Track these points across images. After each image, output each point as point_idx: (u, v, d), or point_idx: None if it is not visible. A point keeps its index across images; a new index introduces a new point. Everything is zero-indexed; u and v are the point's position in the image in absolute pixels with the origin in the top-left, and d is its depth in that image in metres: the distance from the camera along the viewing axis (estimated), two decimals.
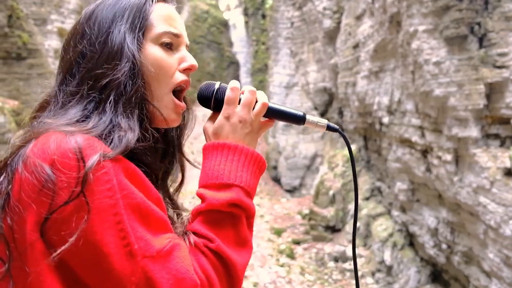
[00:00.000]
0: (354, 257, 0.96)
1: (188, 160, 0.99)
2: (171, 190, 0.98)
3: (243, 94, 0.87)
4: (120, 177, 0.68)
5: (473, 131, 8.48)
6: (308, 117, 0.90)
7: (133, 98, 0.77)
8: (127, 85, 0.77)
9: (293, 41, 18.57)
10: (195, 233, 0.78)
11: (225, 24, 25.90)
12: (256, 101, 0.87)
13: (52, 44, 13.07)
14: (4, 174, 0.70)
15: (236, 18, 26.16)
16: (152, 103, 0.81)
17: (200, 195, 0.81)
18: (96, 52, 0.78)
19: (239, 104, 0.86)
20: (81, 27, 0.82)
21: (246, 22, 24.33)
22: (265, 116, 0.88)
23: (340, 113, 16.32)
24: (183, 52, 0.87)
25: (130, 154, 0.76)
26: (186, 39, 0.88)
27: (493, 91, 8.44)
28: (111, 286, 0.66)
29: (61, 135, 0.69)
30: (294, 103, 18.89)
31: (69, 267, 0.66)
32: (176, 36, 0.85)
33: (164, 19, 0.85)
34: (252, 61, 22.82)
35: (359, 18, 13.11)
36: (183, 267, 0.69)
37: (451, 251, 10.11)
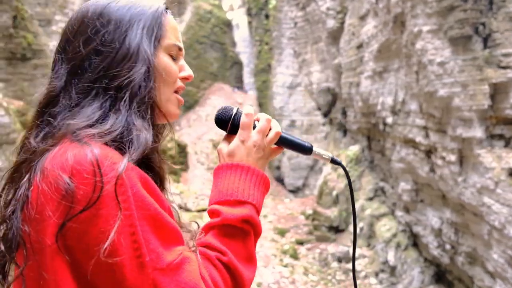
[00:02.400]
0: (353, 264, 1.01)
1: (164, 161, 0.99)
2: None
3: (258, 120, 0.93)
4: (137, 187, 0.71)
5: (478, 132, 8.44)
6: (314, 149, 0.97)
7: (146, 99, 0.82)
8: (141, 86, 0.81)
9: (297, 41, 18.57)
10: (208, 246, 0.81)
11: (228, 24, 25.93)
12: (270, 129, 0.93)
13: (56, 44, 13.13)
14: (25, 178, 0.73)
15: (239, 18, 26.20)
16: (159, 104, 0.86)
17: (214, 211, 0.85)
18: (112, 51, 0.81)
19: (253, 129, 0.92)
20: (92, 22, 0.83)
21: (250, 22, 24.35)
22: (275, 143, 0.95)
23: (344, 113, 16.30)
24: (182, 62, 0.92)
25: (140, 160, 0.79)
26: (183, 50, 0.95)
27: (497, 91, 8.40)
28: None
29: (78, 146, 0.71)
30: (297, 103, 18.89)
31: (84, 274, 0.69)
32: (180, 49, 0.91)
33: (173, 31, 0.90)
34: (255, 61, 22.82)
35: (363, 18, 13.09)
36: (191, 281, 0.71)
37: (455, 252, 10.07)
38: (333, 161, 0.98)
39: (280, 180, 18.30)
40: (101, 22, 0.83)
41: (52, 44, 12.93)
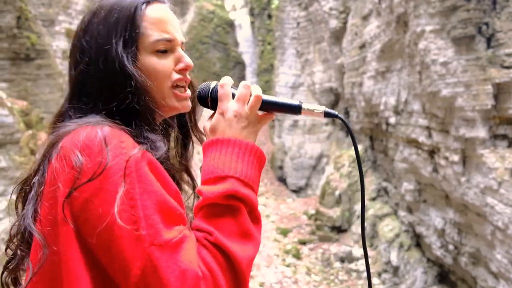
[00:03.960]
0: (366, 257, 0.95)
1: (200, 139, 1.03)
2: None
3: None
4: (141, 165, 0.73)
5: (481, 132, 8.42)
6: (304, 105, 0.89)
7: (146, 112, 0.83)
8: (138, 104, 0.82)
9: (299, 41, 18.56)
10: (196, 229, 0.79)
11: (231, 24, 25.93)
12: (251, 95, 0.88)
13: (60, 45, 13.18)
14: (40, 172, 0.79)
15: (242, 18, 26.20)
16: (157, 104, 0.86)
17: (198, 192, 0.83)
18: (98, 73, 0.82)
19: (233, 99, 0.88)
20: (80, 42, 0.85)
21: (252, 22, 24.34)
22: (261, 109, 0.89)
23: (346, 113, 16.28)
24: (178, 53, 0.88)
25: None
26: (180, 38, 0.89)
27: (501, 91, 8.38)
28: (118, 267, 0.69)
29: (90, 127, 0.76)
30: None
31: (89, 246, 0.71)
32: (169, 41, 0.86)
33: (156, 24, 0.85)
34: (258, 61, 22.83)
35: (365, 18, 13.07)
36: (187, 259, 0.70)
37: (458, 252, 10.05)
38: (328, 114, 0.88)
39: (282, 180, 18.30)
40: (86, 40, 0.84)
41: (56, 44, 12.98)
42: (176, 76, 0.88)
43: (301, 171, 17.82)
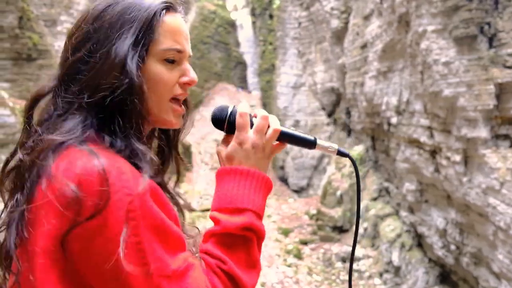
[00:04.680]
0: (351, 265, 0.98)
1: (182, 159, 1.00)
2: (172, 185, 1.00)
3: (255, 117, 0.90)
4: (144, 199, 0.71)
5: (483, 132, 8.40)
6: (319, 142, 0.92)
7: (136, 117, 0.79)
8: (126, 103, 0.78)
9: (301, 41, 18.55)
10: (208, 253, 0.81)
11: (232, 25, 25.95)
12: (269, 126, 0.89)
13: (62, 45, 13.16)
14: (22, 190, 0.73)
15: (243, 19, 26.21)
16: (152, 115, 0.83)
17: (213, 219, 0.84)
18: (97, 63, 0.78)
19: (251, 128, 0.89)
20: (86, 28, 0.81)
21: (253, 22, 24.35)
22: (276, 139, 0.91)
23: (348, 113, 16.27)
24: (185, 66, 0.88)
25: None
26: (189, 51, 0.89)
27: (503, 91, 8.36)
28: None
29: (86, 155, 0.71)
30: (301, 103, 18.88)
31: (83, 281, 0.70)
32: (180, 52, 0.85)
33: (170, 34, 0.84)
34: (259, 61, 22.83)
35: (367, 18, 13.06)
36: (195, 286, 0.72)
37: (460, 252, 10.03)
38: (340, 153, 0.92)
39: (284, 180, 18.29)
40: (94, 27, 0.80)
41: (58, 44, 13.00)
42: (178, 90, 0.86)
43: (303, 171, 17.82)
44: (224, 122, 0.90)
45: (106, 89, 0.77)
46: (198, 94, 22.69)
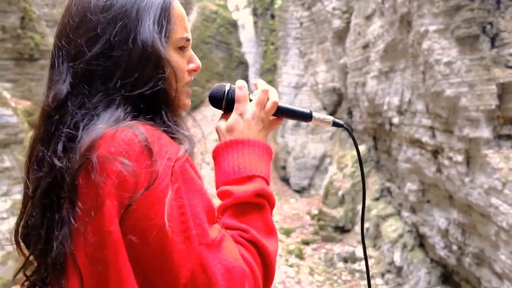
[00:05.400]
0: (366, 258, 0.98)
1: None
2: None
3: (255, 86, 0.92)
4: (185, 167, 0.72)
5: (485, 132, 8.38)
6: (314, 114, 0.93)
7: (175, 103, 0.80)
8: (169, 93, 0.78)
9: (302, 41, 18.54)
10: (227, 227, 0.80)
11: (234, 25, 25.95)
12: (268, 99, 0.91)
13: (55, 35, 13.23)
14: (69, 200, 0.70)
15: (245, 19, 26.20)
16: (178, 103, 0.84)
17: (225, 192, 0.83)
18: (124, 55, 0.75)
19: (250, 101, 0.90)
20: (96, 18, 0.75)
21: (255, 22, 24.35)
22: (273, 114, 0.93)
23: (350, 113, 16.26)
24: (190, 52, 0.88)
25: None
26: (190, 40, 0.89)
27: (505, 91, 8.34)
28: (167, 271, 0.68)
29: (126, 129, 0.70)
30: (303, 103, 18.86)
31: (137, 257, 0.68)
32: (188, 40, 0.85)
33: (180, 21, 0.83)
34: (261, 61, 22.83)
35: (368, 18, 13.04)
36: (232, 257, 0.72)
37: (462, 253, 10.01)
38: (336, 124, 0.94)
39: (285, 180, 18.29)
40: (105, 18, 0.75)
41: None
42: (188, 77, 0.87)
43: (304, 171, 17.80)
44: (222, 99, 0.91)
45: (147, 82, 0.75)
46: (199, 94, 22.70)
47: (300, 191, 17.80)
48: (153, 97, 0.77)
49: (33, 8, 11.41)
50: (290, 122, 18.71)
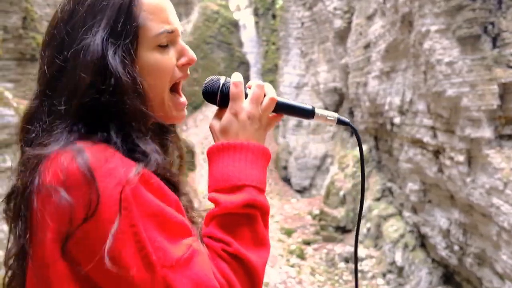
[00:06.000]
0: (356, 258, 0.97)
1: (181, 148, 0.93)
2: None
3: (250, 88, 0.84)
4: (136, 189, 0.66)
5: (486, 132, 8.37)
6: (317, 111, 0.87)
7: (134, 117, 0.72)
8: (117, 105, 0.70)
9: (304, 41, 18.54)
10: (211, 237, 0.76)
11: (235, 25, 25.94)
12: (264, 96, 0.84)
13: None
14: (19, 217, 0.70)
15: (246, 19, 26.19)
16: (153, 110, 0.76)
17: (212, 200, 0.79)
18: (73, 67, 0.71)
19: (246, 98, 0.83)
20: (58, 32, 0.73)
21: (256, 23, 24.35)
22: (273, 111, 0.86)
23: (351, 113, 16.24)
24: (180, 45, 0.80)
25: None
26: (180, 27, 0.80)
27: (506, 91, 8.32)
28: None
29: (70, 155, 0.66)
30: (304, 103, 18.84)
31: (93, 283, 0.67)
32: (171, 32, 0.77)
33: (155, 14, 0.75)
34: (262, 61, 22.83)
35: (370, 18, 13.03)
36: (202, 273, 0.68)
37: (463, 253, 10.00)
38: (340, 122, 0.87)
39: (286, 180, 18.28)
40: (67, 31, 0.73)
41: None
42: (178, 73, 0.80)
43: (306, 171, 17.80)
44: (217, 94, 0.84)
45: (89, 94, 0.69)
46: (200, 94, 22.70)
47: (301, 191, 17.79)
48: (105, 110, 0.71)
49: (35, 9, 11.44)
50: (292, 122, 18.71)
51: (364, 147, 14.74)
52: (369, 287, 11.17)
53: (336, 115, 0.87)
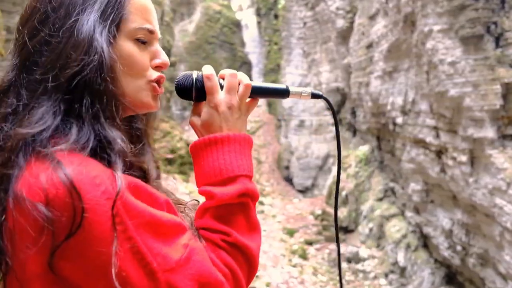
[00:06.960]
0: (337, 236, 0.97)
1: (153, 148, 0.92)
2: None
3: (223, 78, 0.86)
4: (124, 197, 0.65)
5: (489, 132, 8.35)
6: (291, 89, 0.90)
7: (108, 98, 0.71)
8: (97, 82, 0.70)
9: (306, 41, 18.53)
10: (208, 229, 0.78)
11: (237, 25, 25.95)
12: (239, 84, 0.86)
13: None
14: None
15: (248, 19, 26.20)
16: (128, 96, 0.76)
17: (205, 193, 0.80)
18: (60, 42, 0.71)
19: (221, 89, 0.84)
20: (43, 7, 0.74)
21: (259, 23, 24.35)
22: (249, 96, 0.88)
23: (353, 113, 16.23)
24: (155, 47, 0.82)
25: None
26: (159, 33, 0.83)
27: (509, 91, 8.30)
28: None
29: (49, 168, 0.64)
30: (306, 103, 18.87)
31: None
32: (151, 32, 0.80)
33: (140, 12, 0.78)
34: (264, 61, 22.83)
35: (372, 18, 13.02)
36: (203, 269, 0.70)
37: (466, 253, 9.97)
38: (314, 95, 0.90)
39: (289, 180, 18.28)
40: (52, 6, 0.73)
41: None
42: (153, 74, 0.80)
43: (308, 171, 17.79)
44: (191, 90, 0.84)
45: (72, 67, 0.69)
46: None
47: (304, 191, 17.79)
48: (84, 87, 0.70)
49: None
50: (293, 122, 18.71)
51: (367, 147, 14.73)
52: (371, 287, 11.16)
53: (309, 89, 0.91)
